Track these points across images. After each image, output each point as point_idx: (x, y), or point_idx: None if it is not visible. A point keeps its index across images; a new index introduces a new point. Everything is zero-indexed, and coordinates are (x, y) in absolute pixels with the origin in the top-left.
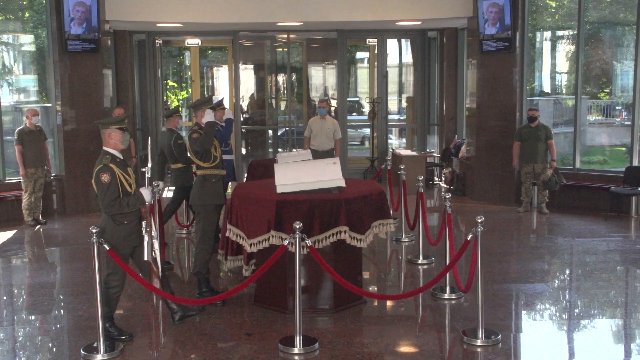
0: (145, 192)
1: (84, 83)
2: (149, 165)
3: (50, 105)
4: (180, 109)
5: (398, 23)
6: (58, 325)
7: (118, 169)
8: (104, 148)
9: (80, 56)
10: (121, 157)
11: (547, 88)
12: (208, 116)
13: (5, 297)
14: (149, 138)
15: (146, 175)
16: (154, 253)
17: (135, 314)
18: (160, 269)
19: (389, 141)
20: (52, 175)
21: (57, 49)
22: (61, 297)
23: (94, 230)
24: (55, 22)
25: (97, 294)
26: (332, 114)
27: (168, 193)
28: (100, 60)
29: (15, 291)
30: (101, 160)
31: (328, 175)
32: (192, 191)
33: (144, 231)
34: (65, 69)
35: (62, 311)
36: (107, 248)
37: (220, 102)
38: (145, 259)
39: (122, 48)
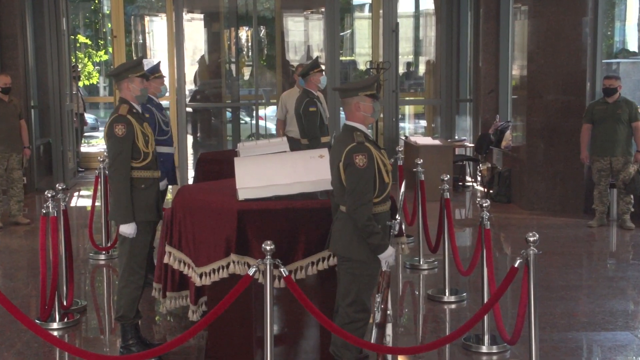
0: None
1: None
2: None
3: None
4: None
5: None
6: None
7: (375, 150)
8: (347, 122)
9: None
10: (370, 135)
11: (632, 46)
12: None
13: None
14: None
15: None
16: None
17: None
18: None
19: (401, 125)
20: None
21: None
22: None
23: None
24: None
25: None
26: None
27: None
28: None
29: None
30: (351, 137)
31: (312, 173)
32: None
33: None
34: None
35: None
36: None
37: (156, 68)
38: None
39: None
